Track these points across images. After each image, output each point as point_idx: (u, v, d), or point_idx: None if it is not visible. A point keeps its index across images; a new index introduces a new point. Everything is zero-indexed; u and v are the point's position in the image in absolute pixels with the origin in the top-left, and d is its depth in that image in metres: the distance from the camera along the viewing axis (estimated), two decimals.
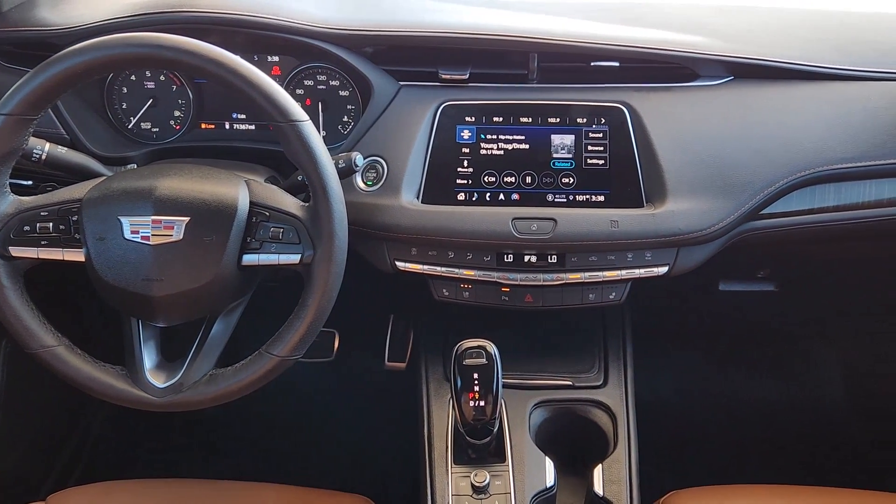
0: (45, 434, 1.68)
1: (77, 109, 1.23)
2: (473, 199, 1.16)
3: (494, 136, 1.17)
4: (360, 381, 1.88)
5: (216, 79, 0.95)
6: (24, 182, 1.20)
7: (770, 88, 1.20)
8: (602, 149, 1.17)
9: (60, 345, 1.01)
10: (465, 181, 1.16)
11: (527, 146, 1.17)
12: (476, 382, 1.04)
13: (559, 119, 1.17)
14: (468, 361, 1.04)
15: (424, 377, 1.27)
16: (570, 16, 1.26)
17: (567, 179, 1.16)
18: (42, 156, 1.07)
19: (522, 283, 1.16)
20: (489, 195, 1.16)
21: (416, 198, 1.15)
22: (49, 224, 1.00)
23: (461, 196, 1.16)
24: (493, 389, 1.05)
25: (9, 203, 1.00)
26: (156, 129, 1.29)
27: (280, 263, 1.00)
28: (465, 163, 1.17)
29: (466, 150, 1.17)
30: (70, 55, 0.94)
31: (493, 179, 1.16)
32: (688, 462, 1.61)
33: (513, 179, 1.16)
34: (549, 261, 1.14)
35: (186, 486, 1.21)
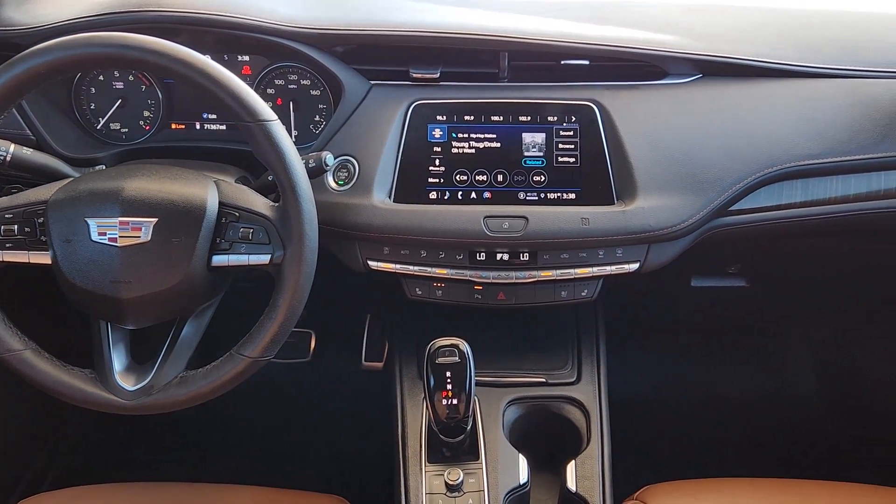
0: (18, 438, 1.66)
1: (43, 110, 1.21)
2: (445, 198, 1.16)
3: (466, 135, 1.18)
4: (338, 382, 1.88)
5: (183, 79, 0.95)
6: None
7: (738, 86, 1.21)
8: (573, 147, 1.17)
9: (27, 349, 1.00)
10: (437, 180, 1.17)
11: (498, 145, 1.17)
12: (449, 381, 1.05)
13: (530, 117, 1.18)
14: (441, 360, 1.05)
15: (398, 376, 1.27)
16: (541, 14, 1.26)
17: (538, 177, 1.16)
18: (6, 157, 1.06)
19: (495, 281, 1.16)
20: (461, 194, 1.16)
21: (388, 197, 1.15)
22: (14, 226, 0.99)
23: (433, 195, 1.16)
24: (466, 387, 1.05)
25: None
26: (125, 130, 1.28)
27: (250, 264, 1.00)
28: (437, 161, 1.17)
29: (438, 149, 1.17)
30: (33, 55, 0.93)
31: (465, 178, 1.16)
32: (663, 457, 1.62)
33: (484, 178, 1.17)
34: (522, 259, 1.15)
35: (160, 490, 1.20)
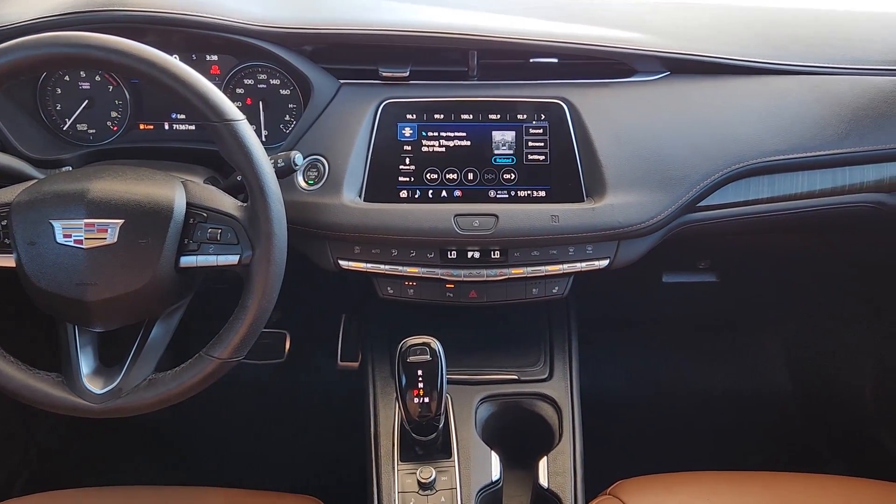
0: None
1: (7, 110, 1.19)
2: (416, 197, 1.16)
3: (436, 134, 1.18)
4: (313, 382, 1.87)
5: (148, 79, 0.94)
6: None
7: (705, 83, 1.22)
8: (542, 144, 1.18)
9: None
10: (408, 179, 1.17)
11: (468, 143, 1.18)
12: (420, 379, 1.05)
13: (500, 115, 1.18)
14: (412, 358, 1.05)
15: (371, 375, 1.27)
16: (510, 13, 1.27)
17: (508, 175, 1.17)
18: None
19: (466, 279, 1.16)
20: (431, 192, 1.16)
21: (358, 196, 1.15)
22: None
23: (403, 194, 1.16)
24: (438, 386, 1.05)
25: None
26: (92, 131, 1.27)
27: (218, 265, 0.99)
28: (407, 160, 1.17)
29: (408, 148, 1.17)
30: None
31: (436, 176, 1.17)
32: (637, 452, 1.63)
33: (455, 176, 1.17)
34: (493, 256, 1.15)
35: (132, 494, 1.19)
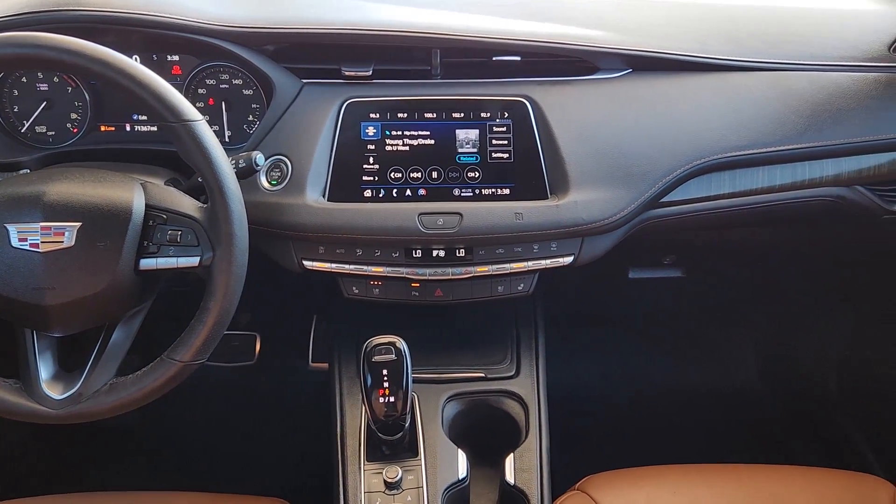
0: None
1: None
2: (380, 196, 1.16)
3: (399, 133, 1.18)
4: (284, 384, 1.86)
5: (102, 79, 0.93)
6: None
7: (667, 80, 1.23)
8: (506, 142, 1.18)
9: None
10: (372, 178, 1.16)
11: (432, 141, 1.18)
12: (385, 379, 1.05)
13: (463, 114, 1.18)
14: (377, 358, 1.05)
15: (337, 376, 1.26)
16: (472, 11, 1.27)
17: (473, 174, 1.17)
18: None
19: (431, 278, 1.16)
20: (396, 191, 1.16)
21: (322, 196, 1.15)
22: None
23: (368, 193, 1.16)
24: (403, 385, 1.05)
25: None
26: (52, 133, 1.25)
27: (179, 267, 0.98)
28: (371, 160, 1.17)
29: (372, 147, 1.17)
30: None
31: (400, 175, 1.16)
32: (607, 447, 1.64)
33: (419, 175, 1.17)
34: (458, 255, 1.15)
35: (97, 500, 1.18)
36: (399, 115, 1.18)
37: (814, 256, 1.56)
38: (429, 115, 1.18)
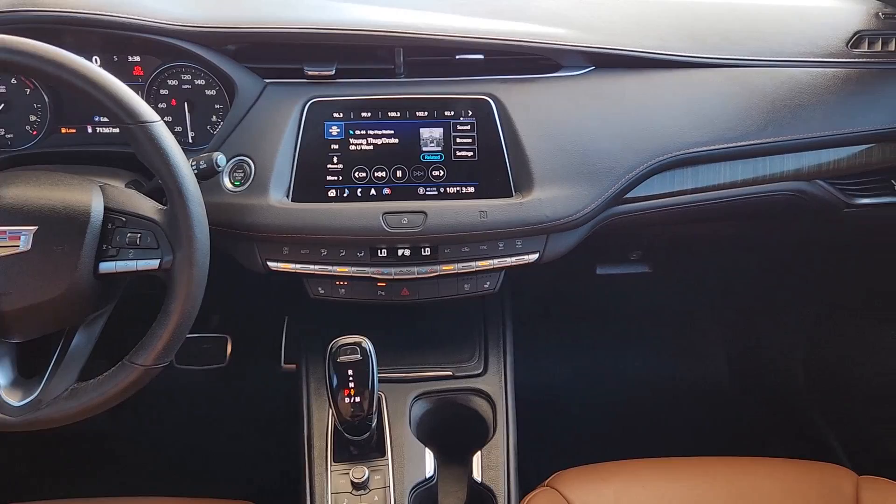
0: None
1: None
2: (344, 196, 1.15)
3: (363, 132, 1.17)
4: (256, 385, 1.85)
5: (57, 81, 0.92)
6: None
7: (629, 77, 1.24)
8: (470, 141, 1.18)
9: None
10: (336, 178, 1.16)
11: (396, 140, 1.17)
12: (351, 379, 1.05)
13: (427, 112, 1.18)
14: (342, 358, 1.05)
15: (305, 377, 1.26)
16: (435, 9, 1.27)
17: (437, 172, 1.17)
18: None
19: (397, 277, 1.16)
20: (360, 191, 1.16)
21: (286, 196, 1.14)
22: None
23: (332, 193, 1.15)
24: (369, 385, 1.05)
25: None
26: (10, 136, 1.23)
27: (139, 270, 0.97)
28: (335, 159, 1.16)
29: (335, 147, 1.17)
30: None
31: (364, 175, 1.16)
32: (579, 443, 1.66)
33: (383, 174, 1.16)
34: (423, 253, 1.15)
35: None
36: (363, 115, 1.17)
37: (779, 250, 1.58)
38: (392, 114, 1.18)
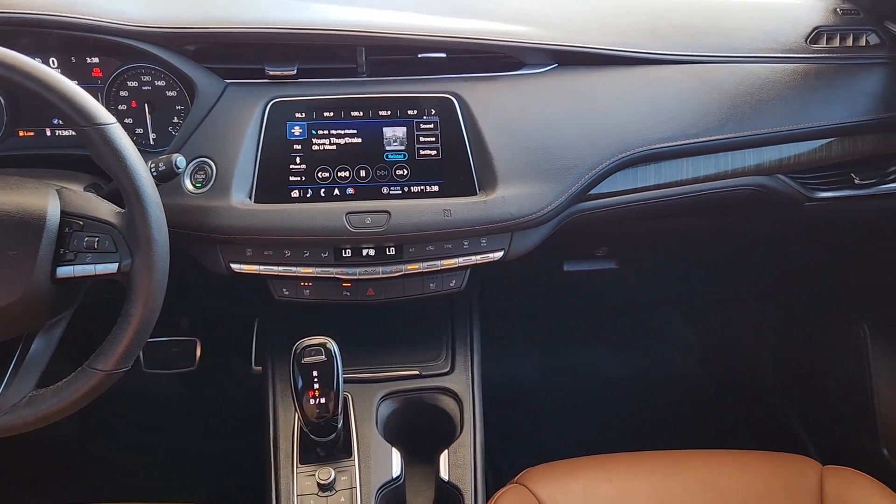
0: None
1: None
2: (308, 196, 1.15)
3: (326, 132, 1.17)
4: (226, 388, 1.84)
5: (9, 83, 0.90)
6: None
7: (592, 74, 1.24)
8: (434, 139, 1.18)
9: None
10: (299, 178, 1.15)
11: (359, 140, 1.17)
12: (316, 380, 1.04)
13: (390, 112, 1.18)
14: (307, 360, 1.04)
15: (271, 379, 1.25)
16: (397, 8, 1.26)
17: (401, 171, 1.17)
18: None
19: (362, 277, 1.16)
20: (323, 191, 1.15)
21: (248, 197, 1.13)
22: None
23: (295, 193, 1.15)
24: (334, 386, 1.05)
25: None
26: None
27: (97, 274, 0.96)
28: (298, 160, 1.16)
29: (298, 147, 1.16)
30: None
31: (327, 175, 1.15)
32: (550, 440, 1.66)
33: (347, 174, 1.16)
34: (388, 253, 1.15)
35: None
36: (325, 115, 1.17)
37: (744, 245, 1.60)
38: (355, 114, 1.17)
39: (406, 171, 1.16)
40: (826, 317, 1.73)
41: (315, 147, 1.16)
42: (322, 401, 1.04)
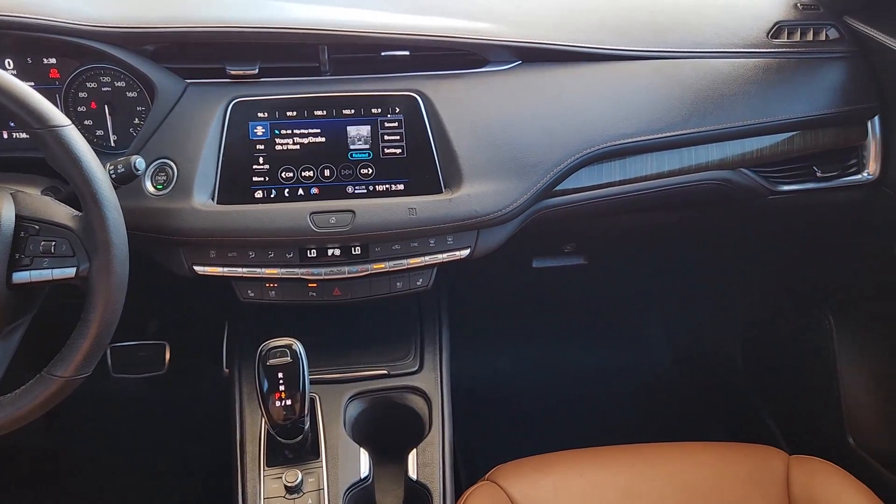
0: None
1: None
2: (271, 197, 1.14)
3: (289, 131, 1.16)
4: (195, 392, 1.82)
5: None
6: None
7: (556, 71, 1.24)
8: (398, 138, 1.17)
9: None
10: (262, 178, 1.14)
11: (323, 139, 1.16)
12: (281, 382, 1.03)
13: (354, 110, 1.17)
14: (272, 361, 1.03)
15: (237, 381, 1.24)
16: (359, 6, 1.25)
17: (366, 170, 1.16)
18: None
19: (328, 277, 1.15)
20: (287, 191, 1.14)
21: (211, 199, 1.12)
22: None
23: (258, 194, 1.13)
24: (300, 388, 1.04)
25: None
26: None
27: (54, 279, 0.94)
28: (261, 160, 1.14)
29: (261, 147, 1.15)
30: None
31: (291, 175, 1.15)
32: (522, 436, 1.67)
33: (311, 174, 1.15)
34: (353, 253, 1.14)
35: None
36: (288, 114, 1.16)
37: (711, 239, 1.61)
38: (319, 113, 1.16)
39: (371, 170, 1.16)
40: (793, 309, 1.75)
41: (278, 147, 1.15)
42: (288, 402, 1.03)
